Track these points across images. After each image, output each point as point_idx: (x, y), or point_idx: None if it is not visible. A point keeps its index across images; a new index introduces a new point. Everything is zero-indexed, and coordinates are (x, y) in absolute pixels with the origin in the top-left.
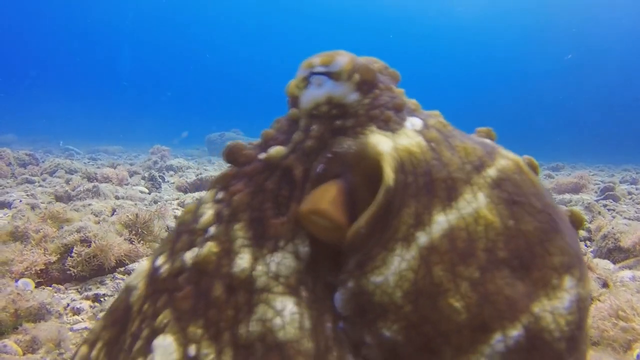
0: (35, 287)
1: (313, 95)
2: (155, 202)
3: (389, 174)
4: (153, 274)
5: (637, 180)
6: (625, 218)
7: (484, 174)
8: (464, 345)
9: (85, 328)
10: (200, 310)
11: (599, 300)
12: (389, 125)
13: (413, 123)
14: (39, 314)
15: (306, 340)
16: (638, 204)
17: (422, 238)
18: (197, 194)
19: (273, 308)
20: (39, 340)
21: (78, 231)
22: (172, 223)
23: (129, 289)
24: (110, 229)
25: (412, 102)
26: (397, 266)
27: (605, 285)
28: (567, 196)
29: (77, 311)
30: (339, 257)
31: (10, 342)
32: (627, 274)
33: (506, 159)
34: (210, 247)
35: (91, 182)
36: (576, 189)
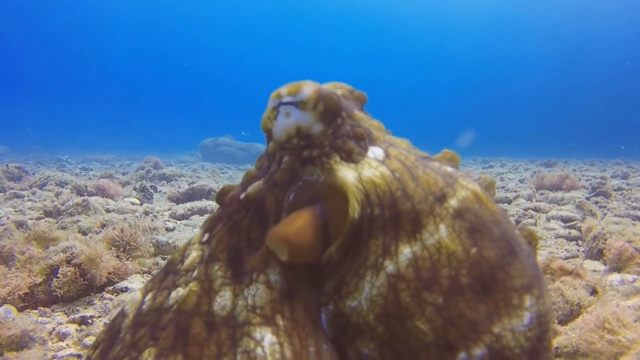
0: (20, 310)
1: (282, 125)
2: (147, 213)
3: (354, 208)
4: (139, 307)
5: (627, 174)
6: (615, 215)
7: (446, 205)
8: None
9: (70, 354)
10: (180, 347)
11: (587, 312)
12: (352, 156)
13: (375, 153)
14: (21, 342)
15: None
16: (628, 199)
17: (390, 267)
18: (189, 204)
19: (254, 339)
20: None
21: (64, 251)
22: (162, 237)
23: (123, 314)
24: (97, 247)
25: (374, 127)
26: (368, 292)
27: (594, 292)
28: (558, 194)
29: (62, 336)
30: (318, 275)
31: None
32: (616, 277)
33: (465, 189)
34: (190, 287)
35: (81, 195)
36: (564, 187)
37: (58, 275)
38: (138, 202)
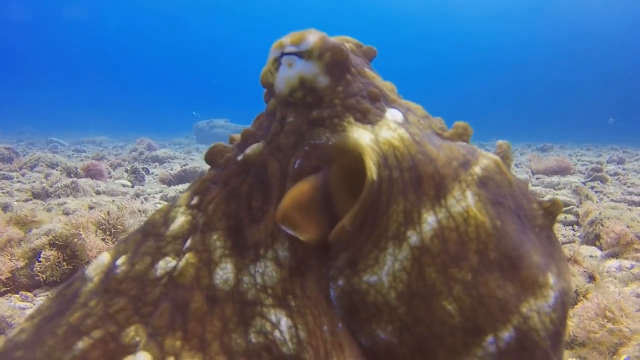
0: (1, 295)
1: (285, 77)
2: (138, 196)
3: (371, 169)
4: (110, 272)
5: (623, 159)
6: (612, 200)
7: (471, 172)
8: (457, 347)
9: None
10: (178, 324)
11: (586, 298)
12: (368, 117)
13: (394, 115)
14: None
15: (306, 353)
16: (624, 184)
17: (414, 238)
18: (180, 187)
19: (269, 321)
20: None
21: (46, 234)
22: None
23: (83, 279)
24: (79, 220)
25: (388, 88)
26: (390, 266)
27: (592, 278)
28: (555, 179)
29: None
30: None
31: None
32: (613, 263)
33: (487, 158)
34: (187, 258)
35: (70, 177)
36: (560, 171)
37: (40, 259)
38: (129, 184)
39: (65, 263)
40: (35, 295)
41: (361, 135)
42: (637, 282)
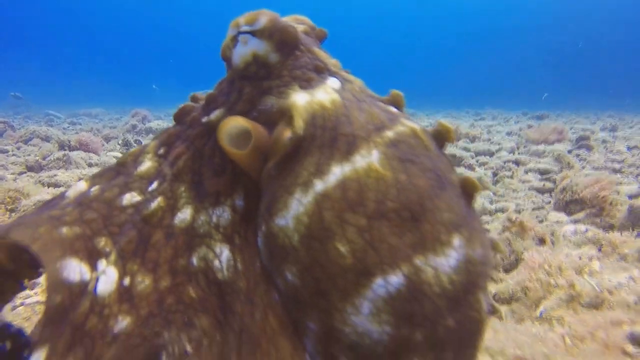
0: None
1: (240, 52)
2: None
3: (298, 124)
4: (85, 193)
5: (616, 127)
6: (593, 168)
7: (382, 134)
8: (349, 288)
9: (37, 302)
10: (140, 252)
11: (527, 259)
12: (311, 84)
13: (333, 82)
14: None
15: (239, 280)
16: (610, 152)
17: (319, 185)
18: None
19: (213, 251)
20: None
21: (35, 205)
22: None
23: (62, 196)
24: None
25: (333, 64)
26: (295, 210)
27: (542, 241)
28: (540, 147)
29: (32, 285)
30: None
31: None
32: (569, 228)
33: (405, 126)
34: (159, 202)
35: (64, 150)
36: (551, 140)
37: None
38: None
39: None
40: None
41: (298, 98)
42: (590, 245)
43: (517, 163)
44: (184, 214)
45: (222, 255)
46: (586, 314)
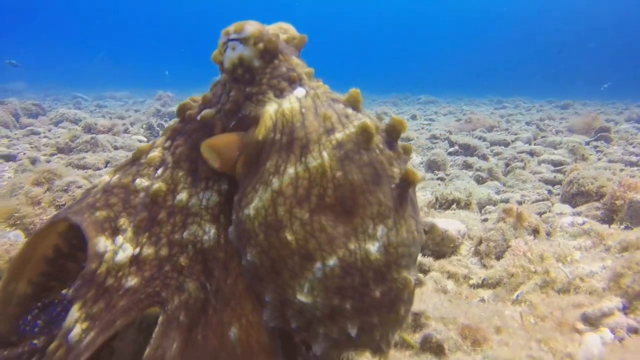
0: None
1: (229, 56)
2: None
3: (260, 131)
4: (107, 182)
5: None
6: (609, 160)
7: (331, 137)
8: (296, 269)
9: None
10: (148, 227)
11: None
12: (283, 94)
13: (299, 92)
14: None
15: (220, 251)
16: (630, 144)
17: (275, 184)
18: None
19: (202, 229)
20: None
21: (67, 186)
22: None
23: (93, 185)
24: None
25: (306, 73)
26: (257, 203)
27: (535, 232)
28: (558, 138)
29: None
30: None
31: None
32: (567, 220)
33: (354, 127)
34: (160, 185)
35: (90, 133)
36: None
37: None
38: (145, 139)
39: None
40: None
41: (269, 107)
42: (585, 236)
43: (531, 154)
44: (181, 196)
45: (210, 232)
46: (554, 298)
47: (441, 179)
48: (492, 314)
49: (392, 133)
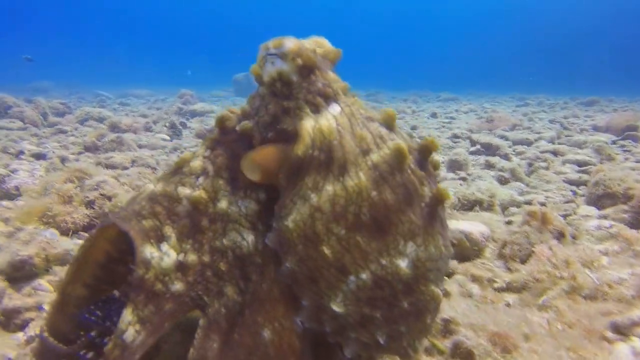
0: (65, 235)
1: (268, 70)
2: (175, 149)
3: (300, 148)
4: (152, 190)
5: None
6: (637, 161)
7: (367, 158)
8: (332, 280)
9: None
10: (191, 234)
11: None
12: (318, 109)
13: (334, 108)
14: (64, 259)
15: (257, 257)
16: None
17: (314, 199)
18: None
19: (241, 235)
20: None
21: (97, 185)
22: None
23: (141, 190)
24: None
25: (341, 87)
26: (295, 216)
27: (561, 235)
28: (582, 137)
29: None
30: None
31: (43, 281)
32: (593, 223)
33: (388, 148)
34: (200, 193)
35: (115, 132)
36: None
37: (95, 206)
38: (168, 138)
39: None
40: None
41: (307, 123)
42: (612, 240)
43: (555, 153)
44: (221, 204)
45: (248, 239)
46: (581, 305)
47: (463, 179)
48: (519, 321)
49: (424, 152)
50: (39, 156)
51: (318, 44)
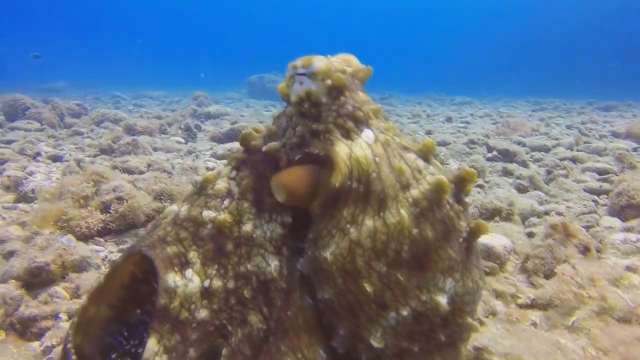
0: (80, 239)
1: (296, 90)
2: (190, 152)
3: (336, 178)
4: (176, 214)
5: None
6: None
7: (407, 194)
8: (372, 315)
9: None
10: (216, 259)
11: (567, 268)
12: (349, 134)
13: (367, 135)
14: (81, 266)
15: (282, 282)
16: None
17: (354, 234)
18: (228, 145)
19: (266, 260)
20: (82, 288)
21: (114, 190)
22: (200, 177)
23: (165, 213)
24: (138, 194)
25: (372, 110)
26: (334, 249)
27: (586, 250)
28: (602, 143)
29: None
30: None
31: (59, 288)
32: (619, 236)
33: (427, 183)
34: (225, 217)
35: (130, 134)
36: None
37: (111, 211)
38: (183, 140)
39: (129, 215)
40: (106, 241)
41: (341, 149)
42: (639, 255)
43: (574, 160)
44: (246, 227)
45: (273, 264)
46: (615, 328)
47: (480, 186)
48: (554, 348)
49: (460, 184)
50: (55, 158)
51: (346, 62)
